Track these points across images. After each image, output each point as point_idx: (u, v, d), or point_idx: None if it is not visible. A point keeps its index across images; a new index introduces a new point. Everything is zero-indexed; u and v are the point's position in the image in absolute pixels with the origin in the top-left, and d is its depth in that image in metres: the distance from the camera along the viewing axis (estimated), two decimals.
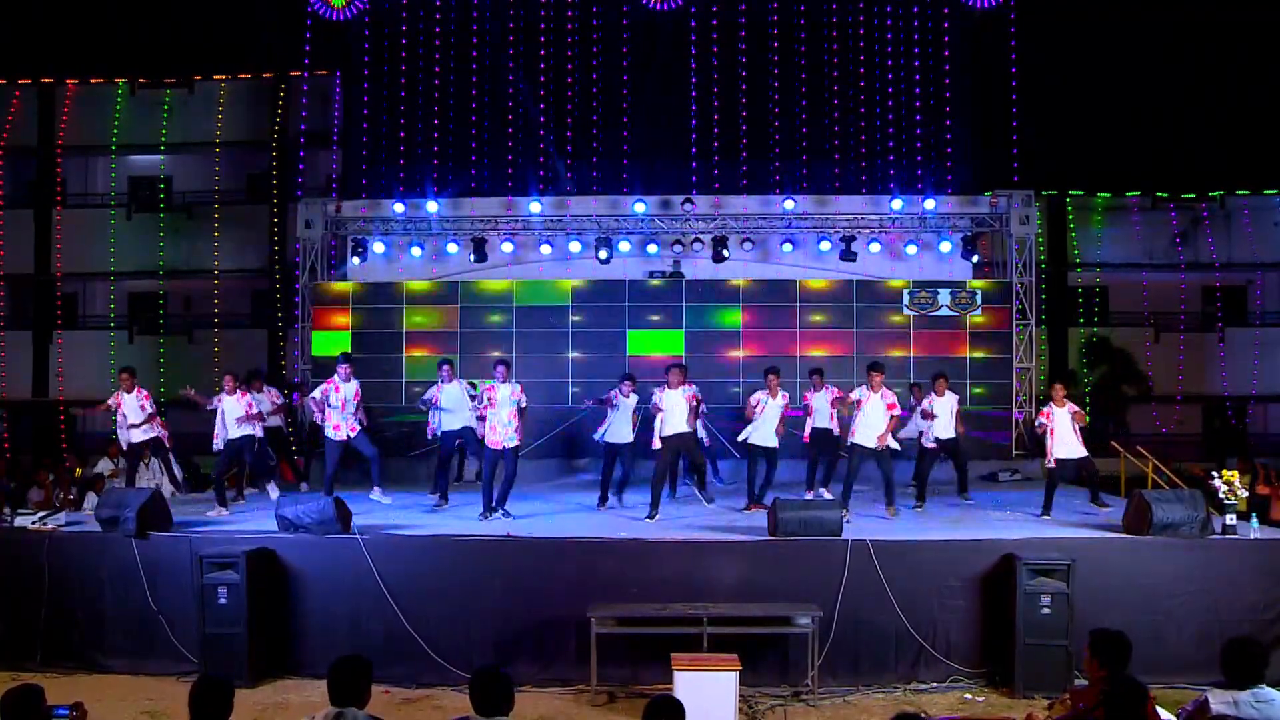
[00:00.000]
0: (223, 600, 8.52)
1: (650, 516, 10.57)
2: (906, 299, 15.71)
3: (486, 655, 8.33)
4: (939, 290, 15.82)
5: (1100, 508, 10.69)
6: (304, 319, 16.50)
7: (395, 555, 9.08)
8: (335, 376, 10.88)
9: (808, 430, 11.85)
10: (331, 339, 16.01)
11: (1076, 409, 10.81)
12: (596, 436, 11.94)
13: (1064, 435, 10.68)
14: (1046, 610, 8.28)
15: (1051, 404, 10.83)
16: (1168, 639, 8.58)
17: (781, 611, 8.48)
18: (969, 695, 8.50)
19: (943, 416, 11.48)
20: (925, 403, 11.59)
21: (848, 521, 9.65)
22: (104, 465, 14.11)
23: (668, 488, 11.50)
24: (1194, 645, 8.48)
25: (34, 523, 9.65)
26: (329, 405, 10.79)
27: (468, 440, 11.49)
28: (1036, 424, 11.16)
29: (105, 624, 9.07)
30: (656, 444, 10.76)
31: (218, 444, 11.37)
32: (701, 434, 12.54)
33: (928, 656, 8.70)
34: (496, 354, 15.56)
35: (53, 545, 9.25)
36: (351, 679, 4.47)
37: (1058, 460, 10.70)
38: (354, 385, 10.85)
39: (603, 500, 11.64)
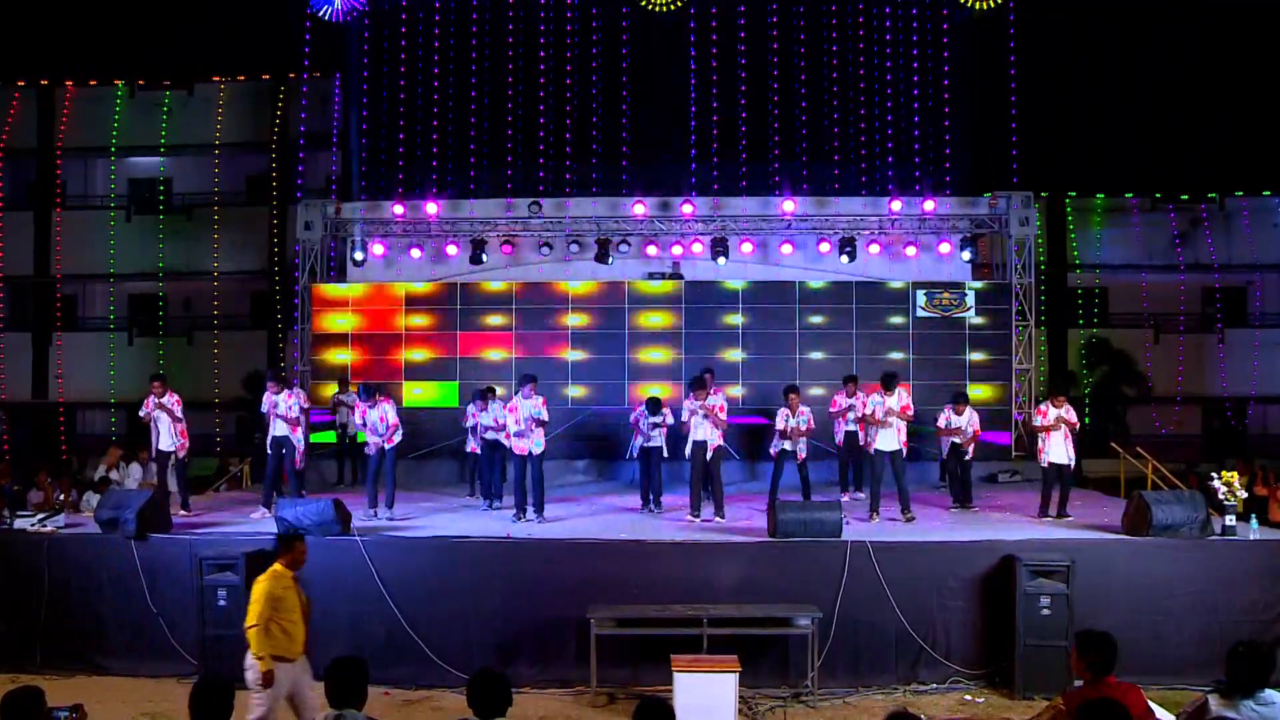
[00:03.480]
0: (222, 601, 8.53)
1: (691, 515, 10.76)
2: (923, 300, 15.63)
3: (486, 656, 8.33)
4: (965, 293, 15.76)
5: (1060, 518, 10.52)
6: (303, 320, 16.49)
7: (395, 557, 9.08)
8: (361, 405, 11.22)
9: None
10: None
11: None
12: (632, 450, 12.01)
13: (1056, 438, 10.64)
14: (1046, 611, 8.29)
15: (1049, 403, 10.77)
16: (1168, 639, 8.60)
17: (781, 612, 8.49)
18: (969, 696, 8.50)
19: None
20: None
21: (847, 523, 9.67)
22: (134, 470, 14.11)
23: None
24: (1194, 645, 8.49)
25: (33, 525, 9.65)
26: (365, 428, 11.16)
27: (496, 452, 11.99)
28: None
29: (105, 625, 9.08)
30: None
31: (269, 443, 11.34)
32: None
33: (928, 658, 8.70)
34: (492, 351, 15.61)
35: (52, 547, 9.25)
36: (349, 680, 4.47)
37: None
38: (379, 410, 10.97)
39: (644, 503, 11.83)
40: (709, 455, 10.82)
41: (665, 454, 11.66)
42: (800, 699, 8.38)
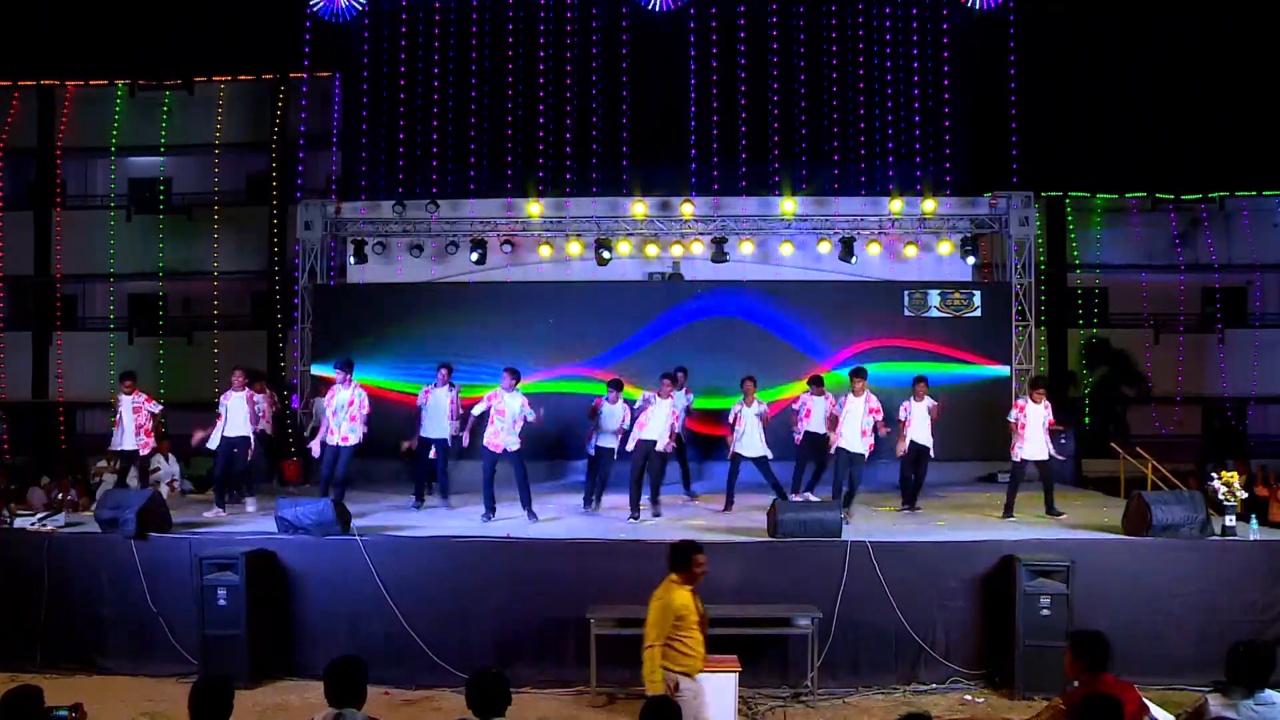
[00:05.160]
0: (222, 601, 8.53)
1: (631, 517, 10.66)
2: (937, 300, 15.60)
3: (486, 657, 8.32)
4: (973, 293, 15.73)
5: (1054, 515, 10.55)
6: (303, 320, 16.49)
7: (394, 556, 9.08)
8: (336, 383, 10.80)
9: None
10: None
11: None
12: (589, 448, 11.87)
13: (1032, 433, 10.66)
14: (1046, 611, 8.29)
15: (1028, 399, 10.80)
16: (1168, 639, 8.60)
17: (781, 613, 8.48)
18: (969, 696, 8.50)
19: (918, 421, 11.36)
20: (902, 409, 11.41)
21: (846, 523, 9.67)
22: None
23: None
24: (1194, 646, 8.49)
25: (33, 524, 9.65)
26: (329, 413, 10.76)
27: (439, 449, 11.67)
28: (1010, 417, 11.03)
29: (105, 625, 9.09)
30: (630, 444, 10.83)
31: (213, 443, 11.22)
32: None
33: (927, 658, 8.70)
34: (492, 351, 15.59)
35: (52, 547, 9.25)
36: (348, 680, 4.47)
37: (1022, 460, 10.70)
38: (348, 393, 10.63)
39: (586, 501, 11.77)
40: (655, 453, 10.74)
41: (616, 455, 11.48)
42: (800, 699, 8.38)
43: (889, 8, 18.22)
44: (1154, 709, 4.97)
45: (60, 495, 12.74)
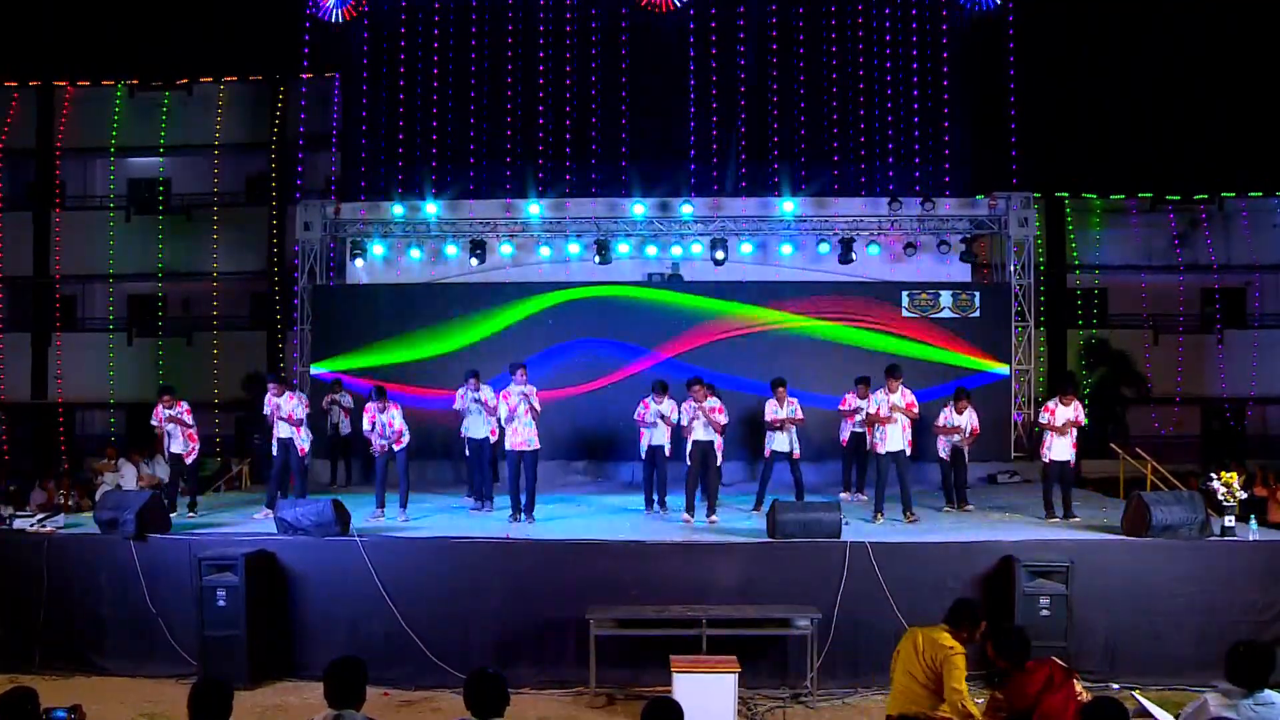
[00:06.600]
0: (221, 602, 8.52)
1: (687, 518, 10.67)
2: (950, 301, 15.58)
3: (485, 657, 8.31)
4: (975, 293, 15.71)
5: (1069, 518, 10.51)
6: (303, 321, 16.48)
7: (394, 557, 9.08)
8: (371, 407, 11.07)
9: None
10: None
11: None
12: (641, 449, 11.90)
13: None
14: (1045, 612, 8.29)
15: (1058, 401, 10.75)
16: (1167, 639, 8.60)
17: (780, 613, 8.48)
18: None
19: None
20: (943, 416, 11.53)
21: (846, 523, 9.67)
22: (128, 471, 14.11)
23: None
24: (1194, 646, 8.49)
25: (33, 525, 9.65)
26: (373, 431, 11.04)
27: (484, 448, 11.75)
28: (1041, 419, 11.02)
29: (104, 626, 9.08)
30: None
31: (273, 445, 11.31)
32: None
33: None
34: (492, 352, 15.58)
35: (52, 547, 9.25)
36: (347, 680, 4.47)
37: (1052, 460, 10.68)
38: (388, 414, 11.01)
39: (648, 504, 11.73)
40: (712, 456, 10.74)
41: (669, 453, 11.60)
42: (799, 699, 8.37)
43: (889, 8, 18.23)
44: (1154, 709, 5.01)
45: (62, 496, 12.73)
